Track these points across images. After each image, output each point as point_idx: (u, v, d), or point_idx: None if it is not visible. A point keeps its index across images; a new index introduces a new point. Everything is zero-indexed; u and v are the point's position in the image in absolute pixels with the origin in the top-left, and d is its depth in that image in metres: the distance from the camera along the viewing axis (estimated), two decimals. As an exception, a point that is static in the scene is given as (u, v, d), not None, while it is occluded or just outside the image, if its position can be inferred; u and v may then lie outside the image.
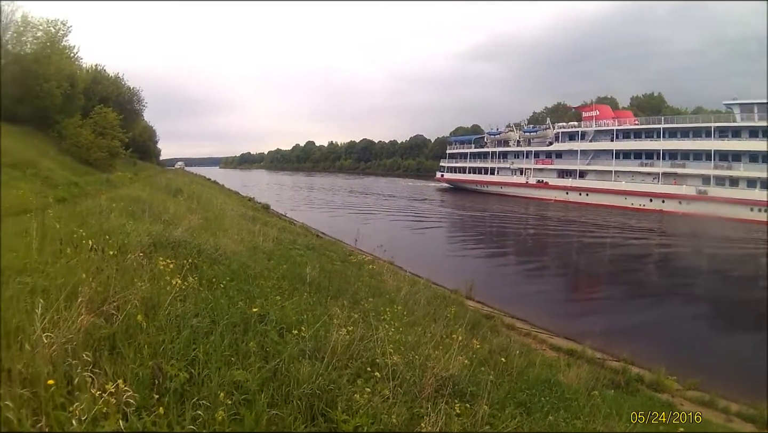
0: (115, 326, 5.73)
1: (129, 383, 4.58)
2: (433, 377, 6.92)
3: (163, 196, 26.51)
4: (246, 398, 5.08)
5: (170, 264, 8.97)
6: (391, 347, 7.52)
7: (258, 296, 9.22)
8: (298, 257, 17.71)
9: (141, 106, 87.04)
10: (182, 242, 12.20)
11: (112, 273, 7.06)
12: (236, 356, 5.95)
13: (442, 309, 15.15)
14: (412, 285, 17.85)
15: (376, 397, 5.83)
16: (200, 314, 6.89)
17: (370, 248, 29.08)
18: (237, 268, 11.60)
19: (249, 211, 38.02)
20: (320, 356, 6.53)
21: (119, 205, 16.87)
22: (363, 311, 10.32)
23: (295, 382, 5.63)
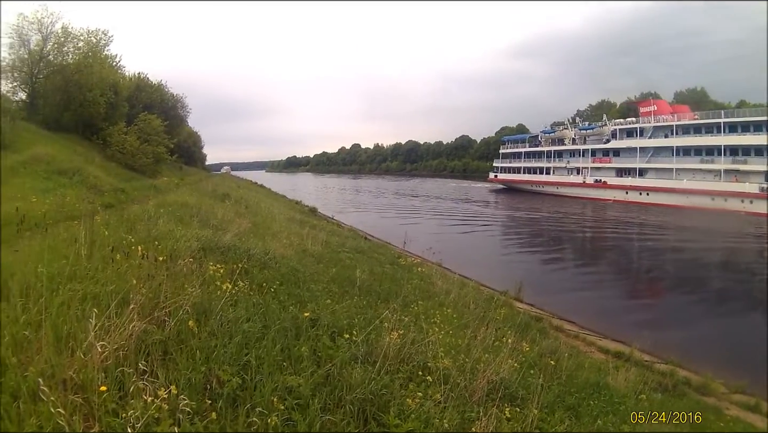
0: (166, 331, 5.78)
1: (181, 389, 4.64)
2: (483, 380, 6.88)
3: (210, 201, 26.68)
4: (298, 403, 5.09)
5: (220, 269, 9.06)
6: (442, 350, 7.50)
7: (309, 300, 9.30)
8: (347, 260, 17.78)
9: (185, 112, 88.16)
10: (231, 247, 12.27)
11: (163, 279, 7.10)
12: (288, 360, 5.96)
13: (491, 311, 15.06)
14: (461, 287, 17.78)
15: (427, 401, 5.80)
16: (252, 319, 6.90)
17: (418, 250, 29.03)
18: (287, 272, 11.70)
19: (296, 215, 38.20)
20: (372, 360, 6.53)
21: (167, 210, 16.94)
22: (413, 314, 10.26)
23: (347, 387, 5.61)
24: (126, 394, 4.48)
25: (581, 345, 17.40)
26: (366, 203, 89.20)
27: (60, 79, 47.01)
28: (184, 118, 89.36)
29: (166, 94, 78.33)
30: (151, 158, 50.86)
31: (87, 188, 26.32)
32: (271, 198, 58.90)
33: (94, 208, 16.86)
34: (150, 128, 52.45)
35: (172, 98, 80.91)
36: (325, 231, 26.56)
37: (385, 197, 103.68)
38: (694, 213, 66.56)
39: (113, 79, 53.35)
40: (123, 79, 61.15)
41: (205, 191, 36.38)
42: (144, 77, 72.73)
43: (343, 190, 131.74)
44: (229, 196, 34.70)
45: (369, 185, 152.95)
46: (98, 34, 51.04)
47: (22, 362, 4.65)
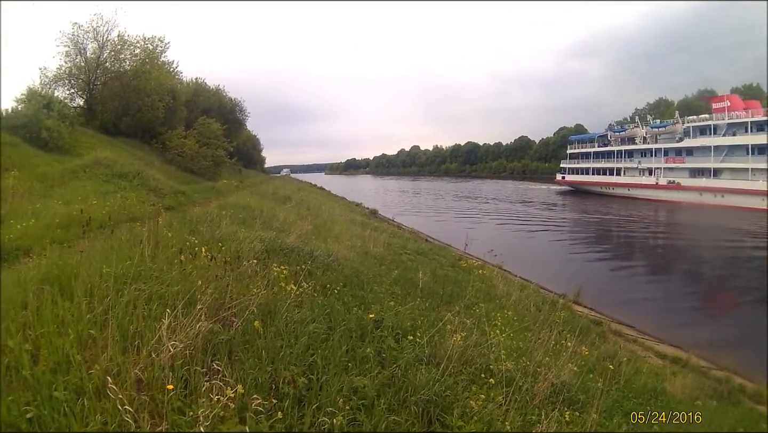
0: (232, 331, 5.89)
1: (248, 388, 4.77)
2: (545, 383, 6.90)
3: (271, 204, 26.95)
4: (363, 404, 5.17)
5: (284, 270, 9.16)
6: (504, 353, 7.57)
7: (372, 301, 9.39)
8: (409, 262, 17.87)
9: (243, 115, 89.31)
10: (295, 249, 12.40)
11: (229, 280, 7.22)
12: (353, 361, 6.05)
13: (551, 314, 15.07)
14: (521, 290, 17.80)
15: (490, 403, 5.82)
16: (317, 320, 6.99)
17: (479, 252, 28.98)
18: (350, 274, 11.80)
19: (357, 217, 38.29)
20: (436, 362, 6.56)
21: (228, 212, 17.05)
22: (475, 317, 10.22)
23: (411, 388, 5.67)
24: (191, 393, 4.63)
25: (639, 350, 17.27)
26: (426, 205, 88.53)
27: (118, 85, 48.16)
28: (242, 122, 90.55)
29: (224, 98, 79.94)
30: (211, 161, 51.73)
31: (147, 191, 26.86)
32: (332, 200, 59.08)
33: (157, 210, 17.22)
34: (209, 132, 53.39)
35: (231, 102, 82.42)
36: (386, 233, 26.62)
37: (444, 199, 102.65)
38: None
39: (171, 84, 54.44)
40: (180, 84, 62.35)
41: (265, 194, 36.83)
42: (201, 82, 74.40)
43: (403, 192, 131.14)
44: (290, 198, 35.03)
45: (428, 187, 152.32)
46: (154, 40, 52.15)
47: (86, 359, 4.82)
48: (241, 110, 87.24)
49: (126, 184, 26.67)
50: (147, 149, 47.40)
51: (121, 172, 28.27)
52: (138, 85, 47.87)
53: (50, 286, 6.38)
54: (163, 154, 48.10)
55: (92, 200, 18.62)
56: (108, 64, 48.70)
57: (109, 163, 29.09)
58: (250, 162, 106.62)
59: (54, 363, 4.75)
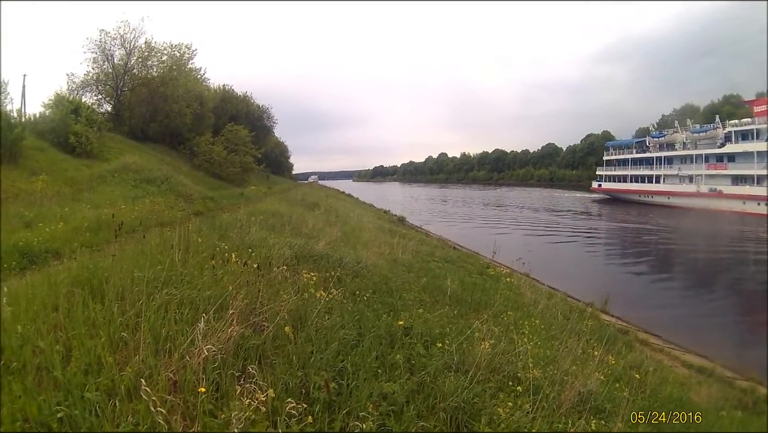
0: (263, 336, 5.98)
1: (279, 393, 4.86)
2: (572, 392, 6.94)
3: (300, 210, 27.01)
4: (393, 409, 5.25)
5: (314, 277, 9.30)
6: (531, 361, 7.58)
7: (401, 308, 9.44)
8: (437, 270, 17.87)
9: (272, 122, 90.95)
10: (324, 255, 12.52)
11: (260, 286, 7.33)
12: (383, 368, 6.14)
13: (578, 323, 15.08)
14: (549, 298, 17.80)
15: (517, 411, 5.87)
16: (346, 327, 7.09)
17: (506, 260, 28.95)
18: (378, 280, 11.87)
19: (385, 224, 38.32)
20: (464, 369, 6.64)
21: (258, 218, 17.25)
22: (503, 325, 10.35)
23: (440, 395, 5.74)
24: (222, 396, 4.74)
25: (666, 359, 17.17)
26: (453, 213, 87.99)
27: (145, 91, 49.07)
28: (270, 129, 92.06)
29: (252, 105, 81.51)
30: (239, 168, 52.44)
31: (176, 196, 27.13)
32: (360, 207, 59.10)
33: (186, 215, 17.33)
34: (237, 138, 54.20)
35: (258, 109, 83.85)
36: (414, 240, 26.67)
37: (472, 207, 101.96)
38: None
39: (198, 91, 55.19)
40: (208, 91, 63.29)
41: (294, 200, 36.99)
42: (229, 89, 75.64)
43: (431, 200, 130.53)
44: (319, 205, 35.07)
45: (456, 195, 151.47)
46: (181, 48, 53.01)
47: (117, 361, 4.94)
48: (268, 117, 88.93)
49: (154, 189, 27.02)
50: (175, 155, 48.08)
51: (149, 178, 28.63)
52: (165, 92, 48.68)
53: (81, 289, 6.54)
54: (190, 160, 48.79)
55: (121, 205, 18.87)
56: (135, 71, 49.63)
57: (137, 168, 29.47)
58: (278, 168, 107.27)
59: (85, 364, 4.88)
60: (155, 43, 50.54)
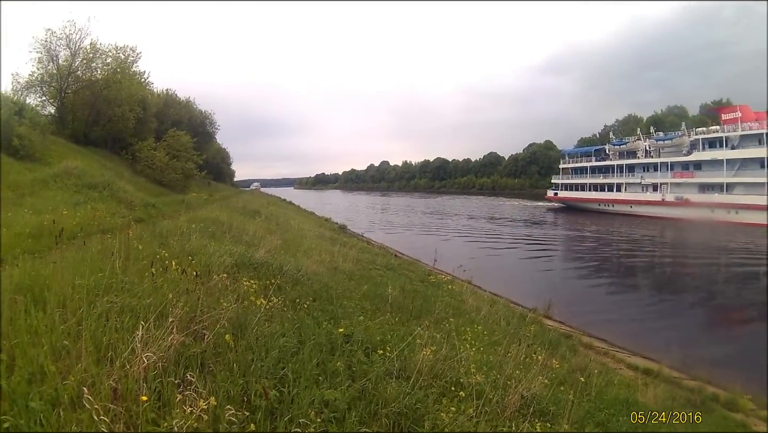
0: (204, 345, 5.90)
1: (220, 401, 4.80)
2: (515, 396, 6.96)
3: (241, 218, 27.03)
4: (335, 416, 5.23)
5: (254, 285, 9.24)
6: (474, 366, 7.64)
7: (342, 316, 9.44)
8: (378, 277, 17.95)
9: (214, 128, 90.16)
10: (264, 263, 12.41)
11: (199, 294, 7.26)
12: (324, 375, 6.10)
13: (521, 328, 15.13)
14: (491, 305, 17.92)
15: (461, 416, 5.90)
16: (287, 334, 7.03)
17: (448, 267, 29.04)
18: (319, 288, 11.84)
19: (327, 232, 38.41)
20: (406, 375, 6.64)
21: (198, 226, 17.23)
22: (445, 331, 10.29)
23: (382, 401, 5.75)
24: (165, 404, 4.65)
25: (611, 362, 17.41)
26: (395, 221, 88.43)
27: (89, 94, 48.07)
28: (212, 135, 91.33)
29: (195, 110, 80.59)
30: (180, 174, 51.75)
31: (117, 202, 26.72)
32: (301, 215, 59.22)
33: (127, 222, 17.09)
34: (179, 144, 53.42)
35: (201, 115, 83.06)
36: (355, 248, 26.62)
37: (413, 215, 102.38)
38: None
39: (142, 95, 54.38)
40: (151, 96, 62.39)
41: (235, 208, 36.72)
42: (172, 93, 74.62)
43: (372, 208, 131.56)
44: (260, 212, 34.96)
45: (398, 203, 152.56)
46: (126, 50, 52.04)
47: (60, 370, 4.82)
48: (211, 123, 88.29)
49: (96, 195, 26.49)
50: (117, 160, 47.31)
51: (91, 183, 28.08)
52: (109, 95, 47.83)
53: (23, 296, 6.40)
54: (132, 166, 48.05)
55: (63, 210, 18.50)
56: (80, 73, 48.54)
57: (79, 173, 28.90)
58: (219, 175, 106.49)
59: (29, 373, 4.76)
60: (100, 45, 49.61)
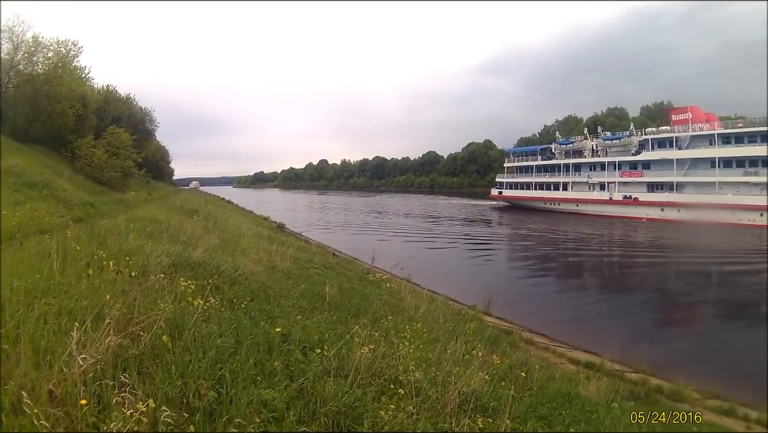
0: (141, 346, 5.82)
1: (159, 402, 4.69)
2: (455, 392, 6.96)
3: (179, 217, 26.72)
4: (274, 416, 5.19)
5: (191, 285, 9.14)
6: (413, 364, 7.64)
7: (279, 315, 9.39)
8: (316, 276, 17.91)
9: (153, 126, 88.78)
10: (202, 263, 12.30)
11: (136, 295, 7.18)
12: (262, 375, 6.05)
13: (461, 325, 15.17)
14: (430, 302, 17.98)
15: (400, 413, 5.91)
16: (224, 335, 6.96)
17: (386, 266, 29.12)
18: (257, 288, 11.78)
19: (265, 231, 38.19)
20: (344, 374, 6.62)
21: (136, 225, 17.07)
22: (383, 329, 10.34)
23: (321, 400, 5.73)
24: (105, 407, 4.55)
25: (552, 357, 17.61)
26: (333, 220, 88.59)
27: (30, 89, 46.92)
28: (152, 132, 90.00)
29: (135, 107, 78.99)
30: (119, 172, 50.92)
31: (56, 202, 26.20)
32: (239, 214, 58.90)
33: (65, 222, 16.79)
34: (118, 142, 52.49)
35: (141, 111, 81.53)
36: (293, 247, 26.54)
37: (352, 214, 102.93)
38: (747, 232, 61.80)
39: (82, 90, 53.14)
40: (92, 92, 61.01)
41: (173, 207, 36.42)
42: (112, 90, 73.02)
43: (310, 206, 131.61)
44: (198, 211, 34.76)
45: (336, 201, 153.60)
46: (68, 44, 50.91)
47: (1, 375, 4.71)
48: (150, 120, 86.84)
49: (36, 194, 25.97)
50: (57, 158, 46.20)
51: (30, 182, 27.53)
52: (49, 91, 46.66)
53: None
54: (72, 164, 46.98)
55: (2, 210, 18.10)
56: (21, 67, 47.33)
57: (18, 171, 28.32)
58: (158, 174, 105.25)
59: (-31, 378, 4.65)
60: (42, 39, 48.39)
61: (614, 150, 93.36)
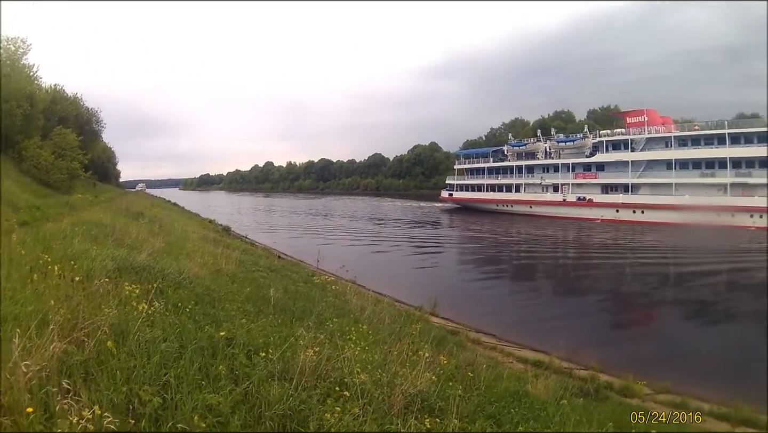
0: (86, 352, 5.76)
1: (105, 409, 4.63)
2: (401, 394, 7.01)
3: (124, 220, 26.39)
4: (219, 421, 5.16)
5: (136, 289, 9.00)
6: (358, 366, 7.67)
7: (224, 319, 9.33)
8: (261, 279, 17.88)
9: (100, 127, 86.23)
10: (146, 267, 12.19)
11: (80, 300, 7.09)
12: (207, 379, 6.03)
13: (407, 327, 15.21)
14: (376, 304, 18.01)
15: (346, 415, 5.91)
16: (169, 339, 6.91)
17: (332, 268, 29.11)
18: (201, 292, 11.71)
19: (210, 234, 37.97)
20: (289, 377, 6.62)
21: (81, 229, 16.76)
22: (328, 332, 10.42)
23: (266, 403, 5.71)
24: (51, 415, 4.50)
25: (500, 356, 17.79)
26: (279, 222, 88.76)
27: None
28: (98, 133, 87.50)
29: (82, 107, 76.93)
30: (66, 174, 49.76)
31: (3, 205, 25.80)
32: (185, 217, 58.38)
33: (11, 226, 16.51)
34: (65, 143, 51.29)
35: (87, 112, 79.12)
36: (238, 250, 26.51)
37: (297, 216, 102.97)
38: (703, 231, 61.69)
39: (30, 89, 51.76)
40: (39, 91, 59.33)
41: (119, 209, 36.06)
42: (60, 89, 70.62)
43: (256, 209, 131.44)
44: (143, 214, 34.37)
45: (282, 204, 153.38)
46: (17, 41, 49.74)
47: None
48: (97, 121, 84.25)
49: (-19, 197, 25.45)
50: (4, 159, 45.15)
51: (-24, 185, 26.98)
52: (-3, 89, 45.51)
53: None
54: (19, 165, 45.92)
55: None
56: (-32, 65, 46.09)
57: (-36, 174, 27.78)
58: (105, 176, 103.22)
59: None
60: (-10, 36, 46.99)
61: (568, 152, 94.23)
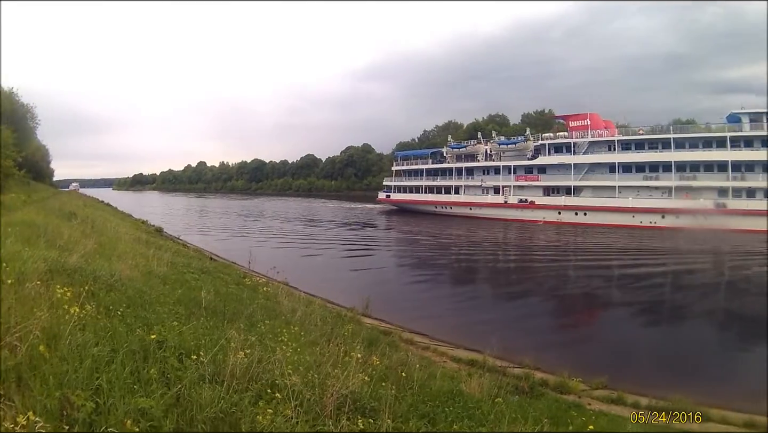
0: (19, 357, 5.71)
1: (38, 415, 4.61)
2: (333, 395, 7.05)
3: (57, 221, 25.86)
4: (152, 425, 5.16)
5: (67, 292, 8.88)
6: (290, 367, 7.70)
7: (155, 322, 9.25)
8: (193, 281, 17.81)
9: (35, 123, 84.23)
10: (78, 269, 12.05)
11: (12, 303, 7.06)
12: (139, 383, 6.00)
13: (338, 328, 15.29)
14: (307, 305, 18.11)
15: (278, 417, 5.95)
16: (100, 343, 6.85)
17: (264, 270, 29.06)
18: (133, 294, 11.57)
19: (143, 235, 37.54)
20: (220, 379, 6.65)
21: (15, 229, 16.33)
22: (260, 334, 10.51)
23: (198, 406, 5.73)
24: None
25: (433, 356, 17.94)
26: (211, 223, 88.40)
27: None
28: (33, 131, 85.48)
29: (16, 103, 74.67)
30: None
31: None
32: (118, 217, 57.64)
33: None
34: (-1, 140, 50.09)
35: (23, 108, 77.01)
36: (170, 252, 26.33)
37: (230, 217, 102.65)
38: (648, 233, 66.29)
39: (-36, 85, 50.47)
40: (-26, 86, 57.76)
41: (52, 209, 35.28)
42: (-6, 83, 68.91)
43: (189, 210, 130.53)
44: (76, 215, 33.72)
45: (214, 204, 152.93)
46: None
47: None
48: (32, 117, 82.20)
49: None
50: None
51: None
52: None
53: None
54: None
55: None
56: None
57: None
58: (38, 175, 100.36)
59: None
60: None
61: (509, 154, 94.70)
